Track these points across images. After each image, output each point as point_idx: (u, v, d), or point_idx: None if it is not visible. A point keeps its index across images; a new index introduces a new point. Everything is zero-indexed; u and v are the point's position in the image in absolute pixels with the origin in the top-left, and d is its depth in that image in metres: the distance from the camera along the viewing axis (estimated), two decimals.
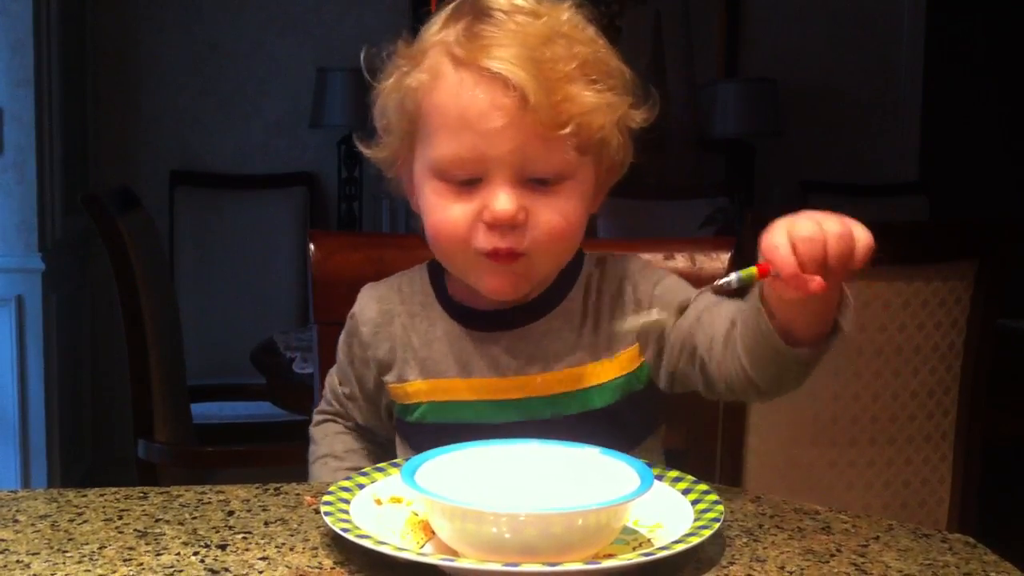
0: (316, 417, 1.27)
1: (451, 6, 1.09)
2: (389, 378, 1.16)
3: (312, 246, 1.45)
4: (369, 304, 1.19)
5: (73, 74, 3.69)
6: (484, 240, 1.05)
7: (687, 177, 4.11)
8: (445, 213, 1.06)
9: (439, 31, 1.07)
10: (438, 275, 1.18)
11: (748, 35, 4.40)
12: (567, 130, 1.03)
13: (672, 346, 1.08)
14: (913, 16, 4.45)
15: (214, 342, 3.70)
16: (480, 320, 1.13)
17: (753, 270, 0.90)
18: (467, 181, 1.05)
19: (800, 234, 0.87)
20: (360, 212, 4.12)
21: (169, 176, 4.01)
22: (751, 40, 4.40)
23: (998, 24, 4.66)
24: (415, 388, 1.14)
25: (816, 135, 4.41)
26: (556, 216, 1.05)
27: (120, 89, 4.06)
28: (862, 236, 0.88)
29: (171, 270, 3.73)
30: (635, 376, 1.12)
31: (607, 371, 1.11)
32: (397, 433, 1.20)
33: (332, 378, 1.25)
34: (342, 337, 1.22)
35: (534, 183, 1.05)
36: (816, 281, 0.87)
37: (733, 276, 0.91)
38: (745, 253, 1.82)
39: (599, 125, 1.05)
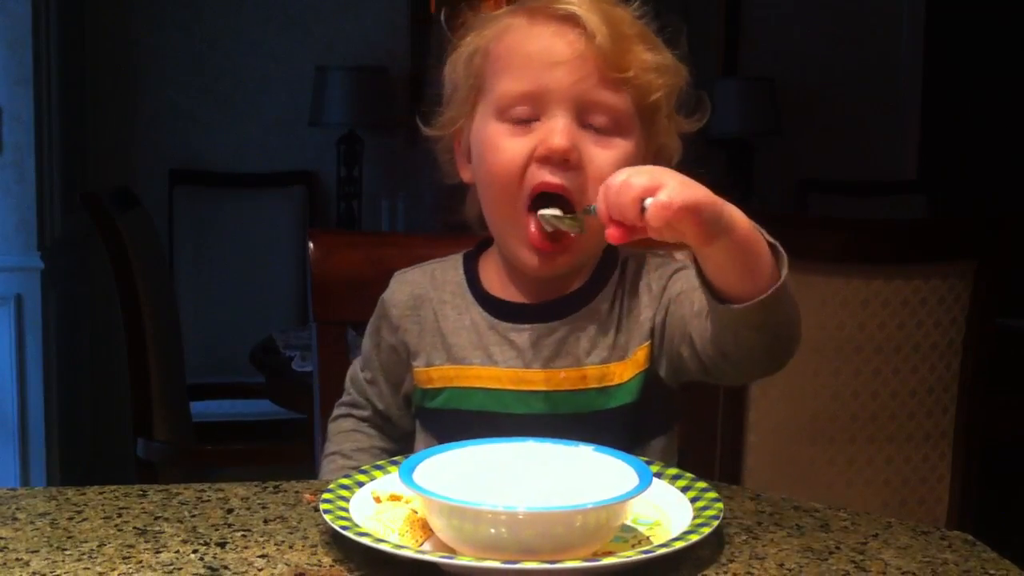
0: (335, 411, 1.29)
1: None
2: (416, 362, 1.18)
3: (311, 245, 1.45)
4: (400, 288, 1.21)
5: (72, 73, 3.69)
6: (536, 176, 1.07)
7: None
8: (501, 151, 1.09)
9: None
10: (472, 266, 1.20)
11: (747, 34, 4.40)
12: (629, 74, 1.07)
13: (670, 332, 1.09)
14: (913, 16, 4.45)
15: (213, 340, 3.70)
16: (510, 312, 1.15)
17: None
18: (526, 120, 1.08)
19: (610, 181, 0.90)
20: (359, 211, 4.12)
21: (168, 175, 4.00)
22: (750, 39, 4.39)
23: (998, 24, 4.66)
24: (440, 373, 1.16)
25: (815, 134, 4.40)
26: (607, 164, 1.07)
27: (119, 88, 4.06)
28: (637, 186, 0.88)
29: (170, 269, 3.72)
30: (648, 373, 1.13)
31: (627, 370, 1.12)
32: (417, 421, 1.21)
33: (354, 366, 1.27)
34: (371, 322, 1.23)
35: (590, 129, 1.08)
36: (609, 231, 0.90)
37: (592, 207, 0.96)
38: None
39: (658, 85, 1.10)
